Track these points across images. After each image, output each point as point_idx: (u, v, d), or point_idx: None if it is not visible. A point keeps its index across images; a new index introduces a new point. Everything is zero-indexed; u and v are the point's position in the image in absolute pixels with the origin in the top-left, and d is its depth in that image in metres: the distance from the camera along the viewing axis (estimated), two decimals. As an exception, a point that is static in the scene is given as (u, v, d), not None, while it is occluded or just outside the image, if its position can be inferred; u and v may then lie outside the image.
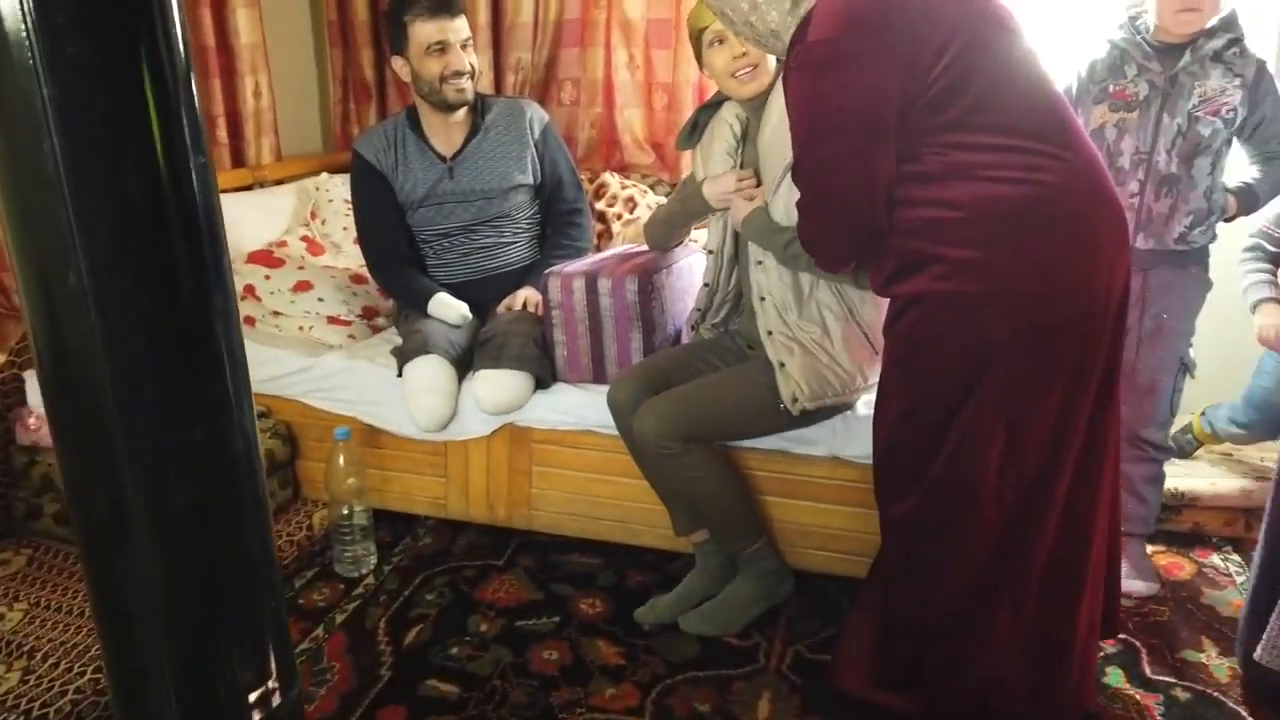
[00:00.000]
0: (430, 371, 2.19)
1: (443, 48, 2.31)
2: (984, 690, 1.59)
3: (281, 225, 2.87)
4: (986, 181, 1.40)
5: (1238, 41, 1.91)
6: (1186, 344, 2.06)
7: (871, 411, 1.88)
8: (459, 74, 2.33)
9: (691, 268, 2.34)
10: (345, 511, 2.21)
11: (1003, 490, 1.48)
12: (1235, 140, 1.98)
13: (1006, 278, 1.41)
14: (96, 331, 0.54)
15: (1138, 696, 1.77)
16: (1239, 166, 2.03)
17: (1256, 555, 1.72)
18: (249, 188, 2.91)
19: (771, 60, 1.90)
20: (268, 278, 2.56)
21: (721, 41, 1.87)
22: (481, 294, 2.44)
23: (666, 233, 2.20)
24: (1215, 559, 2.25)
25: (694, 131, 2.09)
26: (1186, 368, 2.07)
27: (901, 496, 1.56)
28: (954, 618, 1.57)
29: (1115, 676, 1.82)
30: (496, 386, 2.17)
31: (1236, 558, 2.25)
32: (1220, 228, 2.04)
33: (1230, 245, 2.64)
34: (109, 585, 0.60)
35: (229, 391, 0.58)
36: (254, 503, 0.62)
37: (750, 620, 1.99)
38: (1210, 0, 1.87)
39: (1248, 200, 1.98)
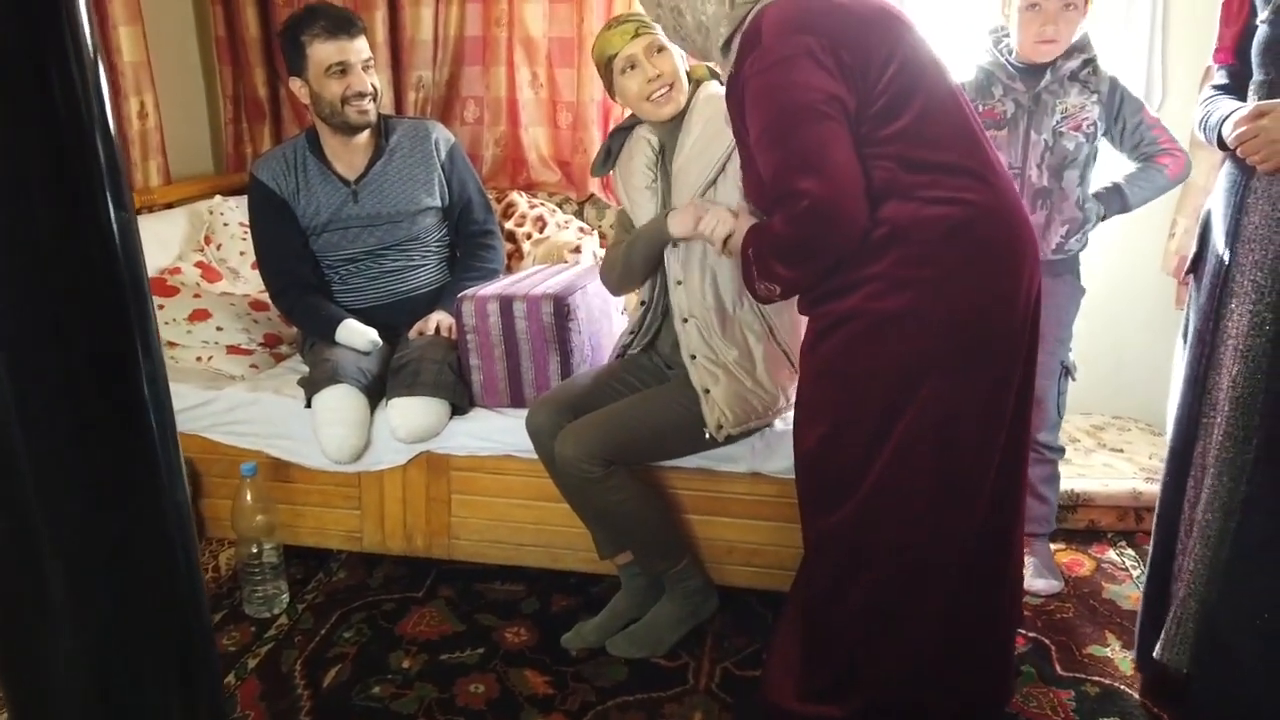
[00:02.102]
0: (340, 401, 2.13)
1: (343, 69, 2.25)
2: (912, 690, 1.63)
3: (173, 251, 2.74)
4: (921, 202, 1.44)
5: (1091, 62, 2.04)
6: (1066, 349, 2.16)
7: (788, 424, 1.91)
8: (361, 95, 2.27)
9: (606, 287, 2.33)
10: (254, 550, 2.12)
11: (935, 496, 1.52)
12: (1110, 148, 2.09)
13: (940, 296, 1.45)
14: (11, 408, 0.49)
15: (1051, 693, 1.84)
16: (1110, 169, 2.14)
17: (1149, 556, 1.80)
18: (137, 212, 2.77)
19: (684, 82, 1.91)
20: (161, 307, 2.44)
21: (634, 66, 1.87)
22: (391, 318, 2.38)
23: (629, 278, 2.02)
24: (1112, 554, 2.37)
25: (608, 158, 2.08)
26: (1069, 371, 2.17)
27: (831, 509, 1.59)
28: (882, 621, 1.60)
29: (1029, 675, 1.89)
30: (412, 414, 2.12)
31: (1131, 552, 2.37)
32: (1092, 235, 2.14)
33: (1101, 251, 2.79)
34: (30, 684, 0.55)
35: (159, 463, 0.55)
36: (189, 583, 0.58)
37: (677, 640, 2.00)
38: (1065, 29, 1.99)
39: (1116, 201, 2.08)
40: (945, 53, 1.56)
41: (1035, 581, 2.16)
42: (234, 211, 2.84)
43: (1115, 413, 2.93)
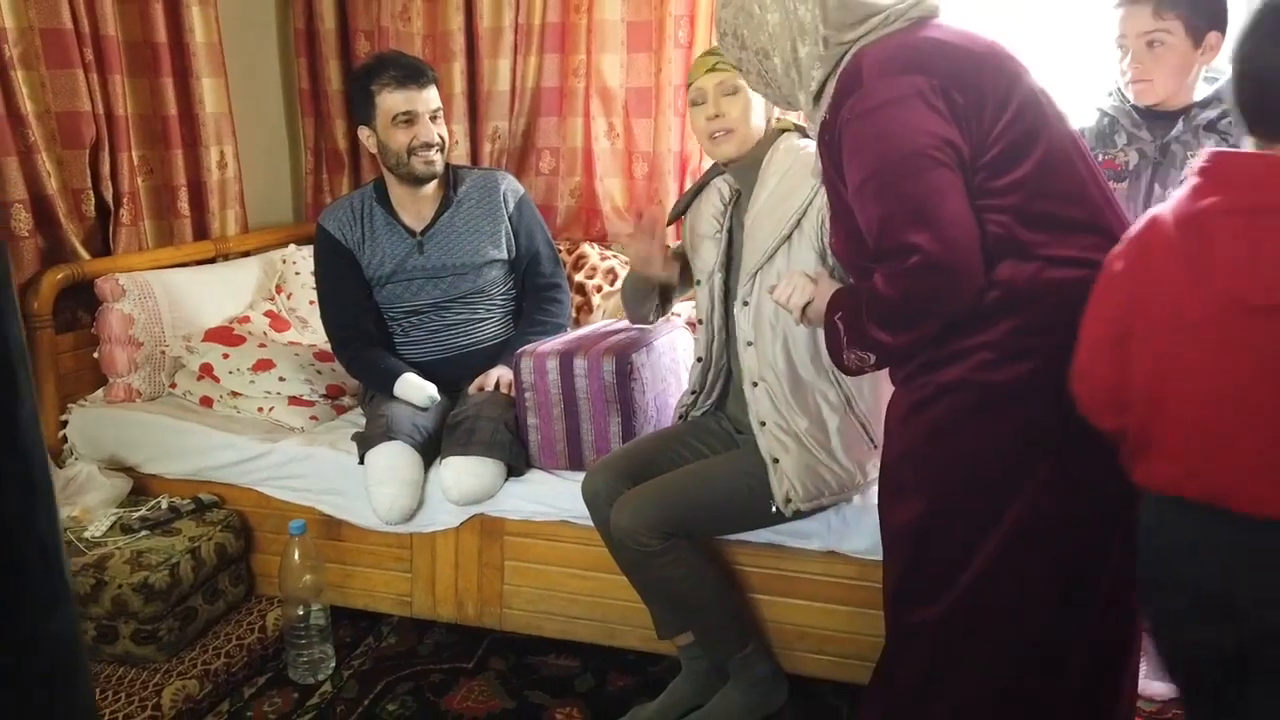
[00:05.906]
0: (393, 459, 2.04)
1: (410, 119, 2.20)
2: None
3: (245, 300, 2.74)
4: (1043, 262, 1.27)
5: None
6: None
7: (869, 500, 1.73)
8: (428, 146, 2.22)
9: (674, 345, 2.21)
10: (300, 611, 2.03)
11: (1046, 594, 1.33)
12: None
13: (1065, 367, 1.25)
14: None
15: (1170, 822, 1.60)
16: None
17: None
18: (212, 260, 2.79)
19: (754, 129, 1.79)
20: (226, 356, 2.42)
21: (703, 101, 1.79)
22: (453, 372, 2.30)
23: (628, 305, 2.11)
24: (1240, 655, 2.09)
25: (687, 205, 1.99)
26: None
27: (928, 601, 1.40)
28: None
29: (1144, 797, 1.65)
30: (465, 475, 2.01)
31: (1263, 654, 2.09)
32: None
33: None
34: None
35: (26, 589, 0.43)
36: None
37: (741, 732, 1.82)
38: (1162, 71, 1.77)
39: None
40: (1065, 99, 1.39)
41: (1152, 684, 1.90)
42: (305, 260, 2.83)
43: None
